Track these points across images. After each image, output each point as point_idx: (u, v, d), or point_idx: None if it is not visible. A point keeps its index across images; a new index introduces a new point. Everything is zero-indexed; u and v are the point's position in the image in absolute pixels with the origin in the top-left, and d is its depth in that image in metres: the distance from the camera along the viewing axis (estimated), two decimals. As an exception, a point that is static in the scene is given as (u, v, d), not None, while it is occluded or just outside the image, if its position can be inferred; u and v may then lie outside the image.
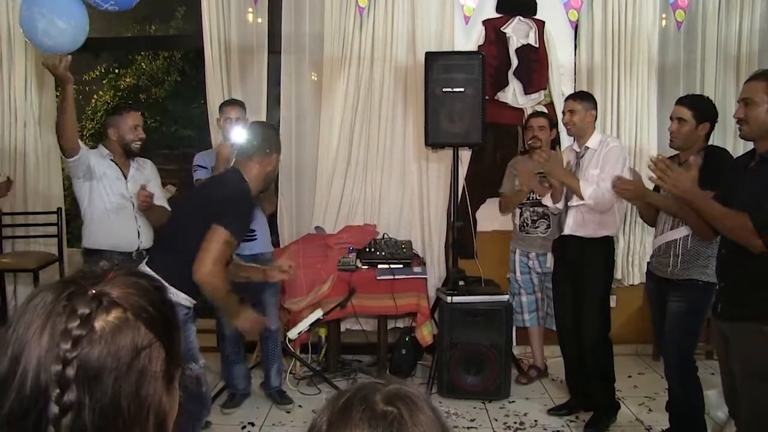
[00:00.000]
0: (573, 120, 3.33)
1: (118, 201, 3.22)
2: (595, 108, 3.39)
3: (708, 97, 3.05)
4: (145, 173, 3.36)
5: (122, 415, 0.69)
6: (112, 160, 3.26)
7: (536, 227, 3.87)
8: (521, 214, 3.93)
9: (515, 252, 3.98)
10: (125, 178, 3.26)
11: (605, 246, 3.32)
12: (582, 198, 3.18)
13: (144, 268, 2.43)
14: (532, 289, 3.97)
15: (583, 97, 3.39)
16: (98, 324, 0.70)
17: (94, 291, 0.72)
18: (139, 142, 3.24)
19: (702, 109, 2.85)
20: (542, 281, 3.93)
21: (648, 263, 3.17)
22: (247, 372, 3.72)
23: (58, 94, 4.10)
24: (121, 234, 3.22)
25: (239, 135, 3.16)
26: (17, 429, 0.67)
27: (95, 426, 0.68)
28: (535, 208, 3.86)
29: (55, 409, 0.66)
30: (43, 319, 0.70)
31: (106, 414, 0.68)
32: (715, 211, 2.24)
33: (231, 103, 3.63)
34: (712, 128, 2.86)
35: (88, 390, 0.68)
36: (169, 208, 3.31)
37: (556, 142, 4.05)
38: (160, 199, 3.35)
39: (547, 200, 3.51)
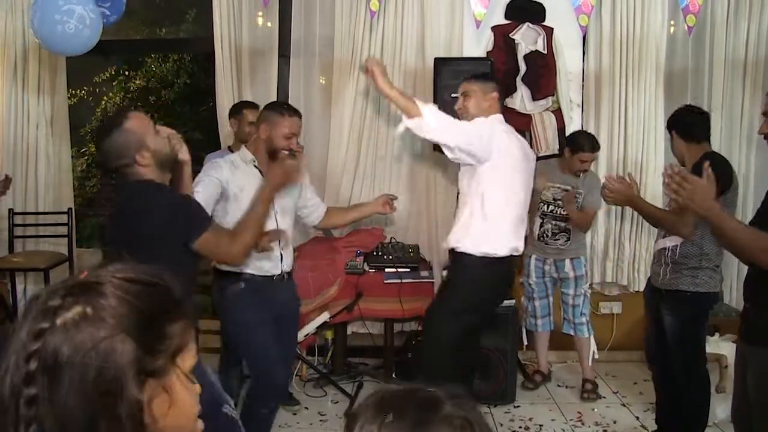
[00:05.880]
0: None
1: None
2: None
3: (685, 107, 3.11)
4: None
5: (84, 407, 0.70)
6: (256, 166, 2.65)
7: (556, 239, 3.81)
8: (542, 225, 3.86)
9: (531, 257, 3.92)
10: None
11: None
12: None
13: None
14: (545, 293, 3.94)
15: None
16: (60, 319, 0.72)
17: (63, 290, 0.75)
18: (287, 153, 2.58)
19: (675, 123, 2.93)
20: (557, 286, 3.91)
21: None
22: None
23: (69, 97, 4.09)
24: (263, 256, 2.54)
25: None
26: (1, 427, 0.70)
27: (57, 418, 0.69)
28: (558, 222, 3.80)
29: (22, 403, 0.69)
30: (22, 320, 0.74)
31: (69, 405, 0.69)
32: (741, 234, 1.92)
33: (251, 106, 3.57)
34: (684, 136, 2.89)
35: (49, 383, 0.70)
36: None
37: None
38: None
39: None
